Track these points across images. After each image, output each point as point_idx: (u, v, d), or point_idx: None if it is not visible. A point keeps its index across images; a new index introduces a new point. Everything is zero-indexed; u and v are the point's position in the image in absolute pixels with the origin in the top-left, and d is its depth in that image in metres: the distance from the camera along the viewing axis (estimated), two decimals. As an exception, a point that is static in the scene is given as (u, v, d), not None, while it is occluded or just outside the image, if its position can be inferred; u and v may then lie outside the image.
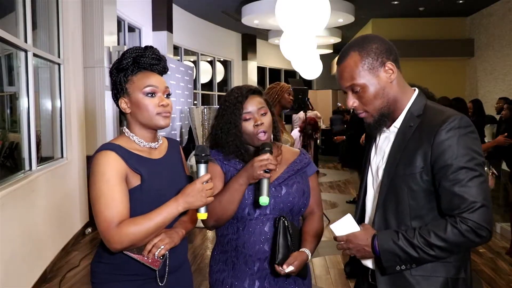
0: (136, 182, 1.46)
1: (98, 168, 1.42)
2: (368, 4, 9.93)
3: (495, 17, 9.79)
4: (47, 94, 5.02)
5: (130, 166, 1.45)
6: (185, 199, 1.42)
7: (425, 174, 1.32)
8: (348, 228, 1.40)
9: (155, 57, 1.53)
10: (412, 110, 1.40)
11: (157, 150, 1.58)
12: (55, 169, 4.50)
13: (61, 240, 4.56)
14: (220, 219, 1.60)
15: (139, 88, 1.49)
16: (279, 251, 1.55)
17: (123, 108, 1.52)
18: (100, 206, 1.39)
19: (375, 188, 1.47)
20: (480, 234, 1.25)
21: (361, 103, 1.41)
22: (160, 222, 1.41)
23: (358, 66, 1.38)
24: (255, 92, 1.68)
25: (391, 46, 1.41)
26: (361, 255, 1.40)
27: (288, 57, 8.95)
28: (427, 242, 1.27)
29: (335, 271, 4.22)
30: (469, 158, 1.27)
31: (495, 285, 3.83)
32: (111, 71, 1.54)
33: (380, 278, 1.39)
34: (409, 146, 1.36)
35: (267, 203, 1.49)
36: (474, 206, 1.25)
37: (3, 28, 3.56)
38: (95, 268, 1.54)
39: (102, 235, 1.40)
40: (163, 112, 1.50)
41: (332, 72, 16.43)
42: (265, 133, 1.64)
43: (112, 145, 1.47)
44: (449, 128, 1.29)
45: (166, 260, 1.49)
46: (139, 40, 8.28)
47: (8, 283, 3.21)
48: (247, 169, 1.54)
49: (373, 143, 1.52)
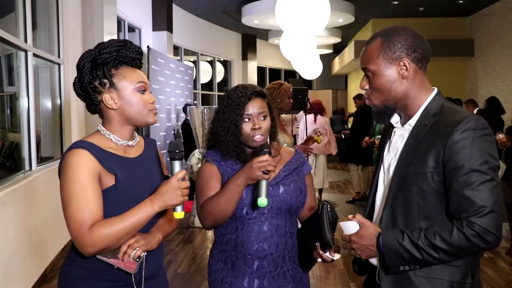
0: (110, 182, 1.39)
1: (70, 168, 1.34)
2: (368, 4, 9.92)
3: (495, 17, 9.79)
4: (47, 94, 5.02)
5: (103, 165, 1.37)
6: (160, 198, 1.35)
7: (436, 175, 1.30)
8: (353, 230, 1.39)
9: (136, 51, 1.46)
10: (429, 109, 1.38)
11: (134, 148, 1.51)
12: (55, 169, 4.48)
13: (61, 240, 4.56)
14: (218, 219, 1.60)
15: (132, 83, 1.43)
16: (330, 236, 1.50)
17: (109, 103, 1.42)
18: (71, 208, 1.32)
19: (385, 186, 1.46)
20: (486, 239, 1.22)
21: (370, 88, 1.43)
22: (135, 222, 1.34)
23: (376, 52, 1.40)
24: (259, 94, 1.68)
25: (420, 44, 1.39)
26: (366, 255, 1.38)
27: (288, 57, 8.94)
28: (432, 244, 1.25)
29: (335, 271, 4.21)
30: (482, 161, 1.25)
31: (495, 285, 3.83)
32: (83, 63, 1.42)
33: (384, 277, 1.38)
34: (422, 145, 1.34)
35: (266, 204, 1.48)
36: (483, 210, 1.22)
37: (3, 28, 3.56)
38: (66, 273, 1.44)
39: (74, 238, 1.33)
40: (154, 109, 1.47)
41: (332, 72, 16.44)
42: (262, 136, 1.65)
43: (84, 143, 1.40)
44: (464, 129, 1.26)
45: (143, 264, 1.40)
46: (139, 40, 8.28)
47: (8, 283, 3.21)
48: (245, 170, 1.54)
49: (388, 140, 1.51)
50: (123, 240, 1.35)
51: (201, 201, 1.65)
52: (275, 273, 1.66)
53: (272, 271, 1.65)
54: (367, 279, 1.57)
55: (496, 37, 9.69)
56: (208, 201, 1.62)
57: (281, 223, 1.67)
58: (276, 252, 1.65)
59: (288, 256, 1.68)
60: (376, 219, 1.48)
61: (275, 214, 1.65)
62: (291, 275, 1.69)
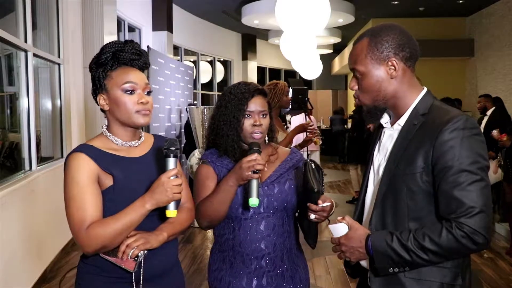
0: (108, 183, 1.41)
1: (69, 171, 1.39)
2: (368, 4, 9.92)
3: (495, 17, 9.78)
4: (47, 94, 5.02)
5: (101, 167, 1.40)
6: (151, 196, 1.36)
7: (426, 175, 1.28)
8: (342, 232, 1.38)
9: (135, 52, 1.46)
10: (418, 108, 1.37)
11: (138, 148, 1.51)
12: (55, 169, 4.50)
13: (61, 240, 4.56)
14: (213, 219, 1.61)
15: (118, 85, 1.43)
16: (314, 184, 1.50)
17: (102, 105, 1.47)
18: (71, 209, 1.37)
19: (375, 186, 1.45)
20: (476, 240, 1.20)
21: (359, 89, 1.42)
22: (127, 222, 1.35)
23: (364, 52, 1.38)
24: (261, 92, 1.70)
25: (408, 43, 1.38)
26: (355, 258, 1.36)
27: (288, 57, 8.94)
28: (421, 246, 1.24)
29: (335, 271, 4.22)
30: (471, 161, 1.23)
31: (495, 285, 3.83)
32: (90, 66, 1.48)
33: (374, 279, 1.37)
34: (411, 145, 1.32)
35: (257, 204, 1.48)
36: (472, 211, 1.20)
37: (3, 28, 3.57)
38: (82, 268, 1.49)
39: (75, 238, 1.37)
40: (142, 110, 1.44)
41: (332, 72, 16.43)
42: (261, 133, 1.66)
43: (84, 146, 1.43)
44: (453, 129, 1.25)
45: (141, 263, 1.39)
46: (139, 40, 8.28)
47: (8, 283, 3.21)
48: (235, 171, 1.54)
49: (377, 140, 1.50)
50: (118, 239, 1.36)
51: (197, 202, 1.66)
52: (274, 272, 1.66)
53: (270, 271, 1.65)
54: (360, 282, 1.56)
55: (496, 37, 9.68)
56: (202, 202, 1.63)
57: (278, 222, 1.67)
58: (274, 252, 1.65)
59: (286, 255, 1.68)
60: (366, 220, 1.47)
61: (271, 213, 1.65)
62: (290, 275, 1.69)
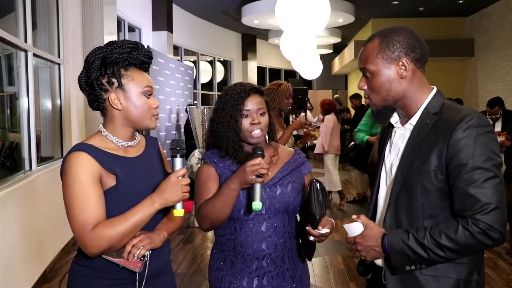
0: (111, 183, 1.40)
1: (70, 171, 1.35)
2: (368, 4, 9.93)
3: (495, 17, 9.78)
4: (47, 94, 5.02)
5: (104, 166, 1.38)
6: (160, 195, 1.36)
7: (440, 173, 1.30)
8: (357, 231, 1.39)
9: (147, 55, 1.46)
10: (429, 108, 1.38)
11: (134, 148, 1.51)
12: (55, 169, 4.50)
13: (61, 240, 4.56)
14: (214, 222, 1.61)
15: (139, 86, 1.43)
16: (316, 209, 1.50)
17: (114, 103, 1.42)
18: (74, 210, 1.34)
19: (388, 186, 1.46)
20: (492, 236, 1.22)
21: (369, 88, 1.43)
22: (136, 221, 1.35)
23: (375, 52, 1.40)
24: (257, 91, 1.70)
25: (418, 44, 1.39)
26: (371, 256, 1.37)
27: (288, 57, 8.95)
28: (437, 243, 1.25)
29: (335, 271, 4.22)
30: (485, 159, 1.25)
31: (495, 285, 3.83)
32: (94, 59, 1.41)
33: (390, 277, 1.38)
34: (424, 143, 1.34)
35: (260, 208, 1.47)
36: (488, 207, 1.22)
37: (3, 28, 3.56)
38: (75, 272, 1.47)
39: (78, 240, 1.35)
40: (156, 115, 1.48)
41: (332, 72, 16.44)
42: (261, 131, 1.65)
43: (84, 145, 1.41)
44: (466, 127, 1.27)
45: (147, 263, 1.41)
46: (139, 40, 8.28)
47: (8, 283, 3.21)
48: (238, 174, 1.52)
49: (388, 140, 1.51)
50: (126, 240, 1.36)
51: (199, 203, 1.65)
52: (274, 272, 1.66)
53: (271, 271, 1.65)
54: (371, 278, 1.56)
55: (496, 37, 9.69)
56: (204, 205, 1.62)
57: (279, 223, 1.66)
58: (274, 252, 1.65)
59: (287, 256, 1.68)
60: (379, 219, 1.48)
61: (273, 215, 1.65)
62: (290, 275, 1.69)
